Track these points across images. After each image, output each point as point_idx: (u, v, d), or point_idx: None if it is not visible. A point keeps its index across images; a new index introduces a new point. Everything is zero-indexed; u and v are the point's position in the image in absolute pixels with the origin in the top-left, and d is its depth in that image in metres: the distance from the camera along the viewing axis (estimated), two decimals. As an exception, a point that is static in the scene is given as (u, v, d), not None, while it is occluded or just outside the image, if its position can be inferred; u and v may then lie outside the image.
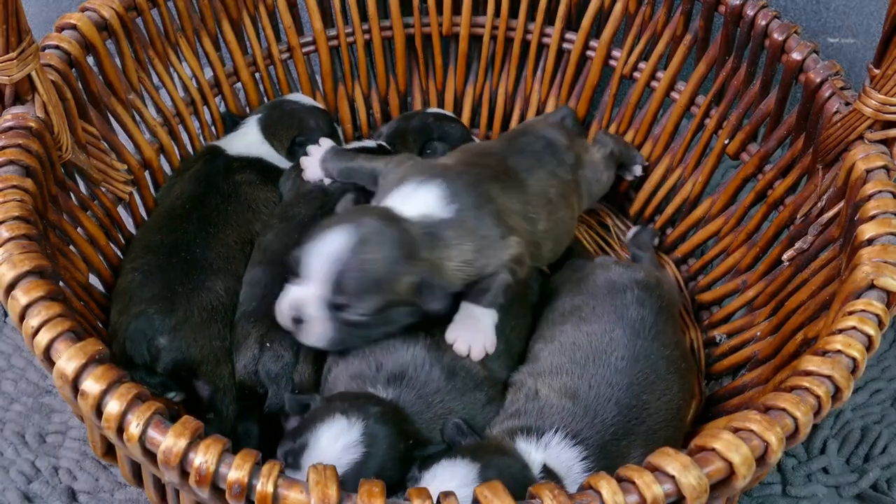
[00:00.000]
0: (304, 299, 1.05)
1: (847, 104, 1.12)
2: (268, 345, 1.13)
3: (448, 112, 1.58)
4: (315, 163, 1.29)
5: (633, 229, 1.49)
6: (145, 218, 1.33)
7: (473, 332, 1.09)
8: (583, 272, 1.25)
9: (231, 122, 1.46)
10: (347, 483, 0.83)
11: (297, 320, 1.06)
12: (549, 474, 0.96)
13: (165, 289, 1.14)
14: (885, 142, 1.07)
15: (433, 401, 1.05)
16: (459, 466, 0.92)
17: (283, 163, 1.40)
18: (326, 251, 1.02)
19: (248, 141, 1.39)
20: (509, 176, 1.21)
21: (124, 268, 1.19)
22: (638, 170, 1.50)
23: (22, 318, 0.82)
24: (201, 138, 1.47)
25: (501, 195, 1.15)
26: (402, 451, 0.97)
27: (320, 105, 1.52)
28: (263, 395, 1.13)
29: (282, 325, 1.08)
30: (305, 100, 1.49)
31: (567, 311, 1.18)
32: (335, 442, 0.94)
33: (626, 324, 1.12)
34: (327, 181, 1.29)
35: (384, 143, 1.46)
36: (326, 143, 1.32)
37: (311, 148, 1.32)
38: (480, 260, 1.09)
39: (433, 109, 1.58)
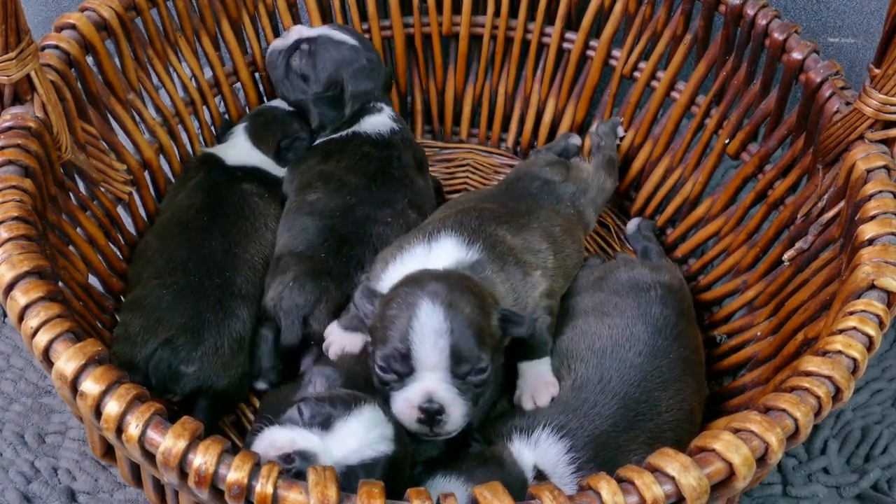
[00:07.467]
0: (433, 387, 0.97)
1: (847, 104, 1.12)
2: (290, 283, 1.20)
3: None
4: (338, 340, 1.18)
5: (634, 221, 1.49)
6: (145, 219, 1.33)
7: (536, 386, 1.09)
8: (603, 270, 1.25)
9: (221, 132, 1.46)
10: (353, 473, 0.85)
11: (432, 416, 0.98)
12: (539, 477, 0.96)
13: (195, 317, 1.15)
14: (886, 141, 1.07)
15: None
16: (454, 485, 0.92)
17: (279, 171, 1.41)
18: (429, 329, 0.96)
19: (240, 150, 1.40)
20: (512, 217, 1.20)
21: (149, 279, 1.18)
22: (619, 132, 1.53)
23: (21, 318, 0.82)
24: (201, 138, 1.47)
25: (508, 235, 1.15)
26: (409, 470, 0.96)
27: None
28: (278, 331, 1.21)
29: (412, 431, 0.98)
30: (286, 106, 1.50)
31: (588, 309, 1.18)
32: (370, 430, 0.90)
33: (649, 320, 1.12)
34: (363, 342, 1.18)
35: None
36: (332, 325, 1.20)
37: (326, 334, 1.20)
38: (519, 299, 1.09)
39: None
